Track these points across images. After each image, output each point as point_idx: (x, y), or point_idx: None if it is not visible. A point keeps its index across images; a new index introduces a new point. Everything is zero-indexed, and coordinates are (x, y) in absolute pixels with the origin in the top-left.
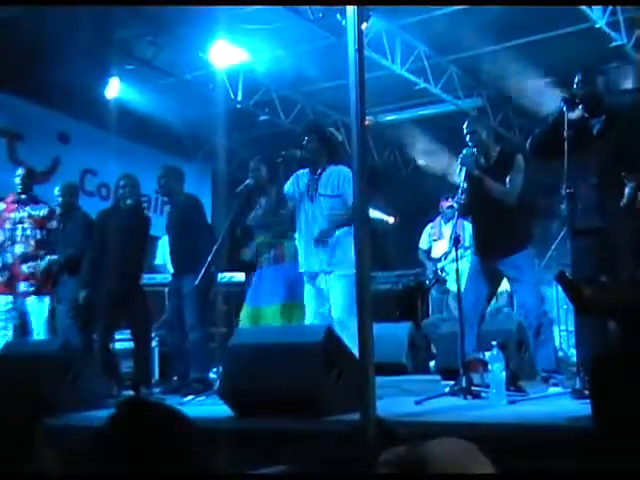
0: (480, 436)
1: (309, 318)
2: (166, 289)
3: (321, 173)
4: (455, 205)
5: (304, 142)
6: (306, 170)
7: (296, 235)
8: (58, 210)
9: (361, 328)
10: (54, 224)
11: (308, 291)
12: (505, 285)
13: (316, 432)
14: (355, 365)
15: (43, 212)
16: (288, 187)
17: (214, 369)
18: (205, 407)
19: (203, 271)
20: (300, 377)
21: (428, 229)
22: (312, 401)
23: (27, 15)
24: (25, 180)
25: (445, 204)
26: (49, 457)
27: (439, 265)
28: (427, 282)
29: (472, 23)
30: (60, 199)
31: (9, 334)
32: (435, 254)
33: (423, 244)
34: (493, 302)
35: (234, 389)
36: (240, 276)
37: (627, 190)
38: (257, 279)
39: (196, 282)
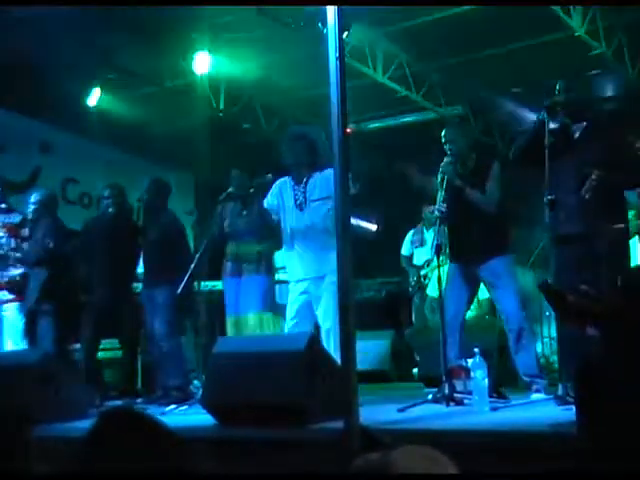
0: (463, 443)
1: (292, 327)
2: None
3: (307, 181)
4: (436, 212)
5: (289, 150)
6: (286, 179)
7: (283, 244)
8: (34, 216)
9: (344, 336)
10: (26, 232)
11: (292, 301)
12: (486, 293)
13: (299, 441)
14: (338, 373)
15: (16, 220)
16: (271, 199)
17: (196, 379)
18: (187, 417)
19: (185, 279)
20: (283, 385)
21: (410, 235)
22: (295, 409)
23: (7, 26)
24: None
25: (427, 210)
26: (32, 467)
27: (422, 272)
28: (410, 289)
29: (453, 31)
30: (34, 206)
31: None
32: (417, 261)
33: (405, 250)
34: (477, 309)
35: (217, 398)
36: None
37: (605, 196)
38: (239, 288)
39: (178, 291)
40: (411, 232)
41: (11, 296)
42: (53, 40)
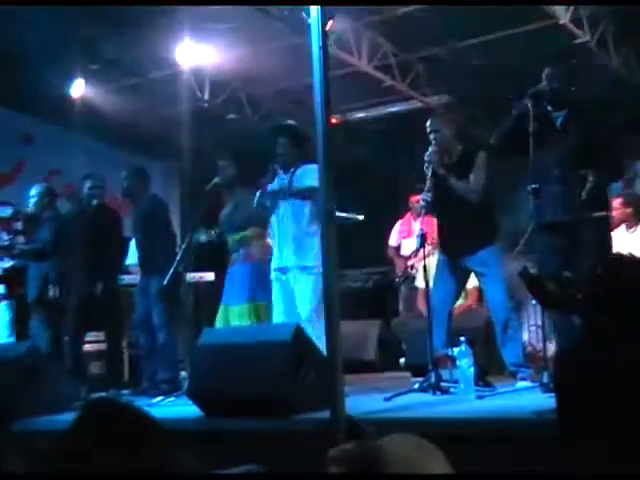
0: (449, 431)
1: (277, 317)
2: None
3: (294, 172)
4: (422, 202)
5: (277, 144)
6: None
7: (269, 233)
8: (31, 210)
9: (329, 326)
10: (19, 226)
11: (277, 290)
12: (474, 281)
13: (285, 431)
14: (324, 363)
15: (7, 214)
16: (272, 186)
17: (183, 371)
18: (174, 408)
19: (171, 271)
20: (268, 376)
21: (397, 226)
22: (281, 400)
23: None
24: None
25: (414, 200)
26: (13, 461)
27: (408, 263)
28: (396, 280)
29: (437, 20)
30: (36, 199)
31: None
32: (405, 251)
33: (392, 241)
34: (463, 298)
35: (202, 389)
36: (210, 275)
37: (587, 185)
38: (228, 278)
39: (164, 282)
40: (398, 223)
41: (3, 290)
42: (35, 32)
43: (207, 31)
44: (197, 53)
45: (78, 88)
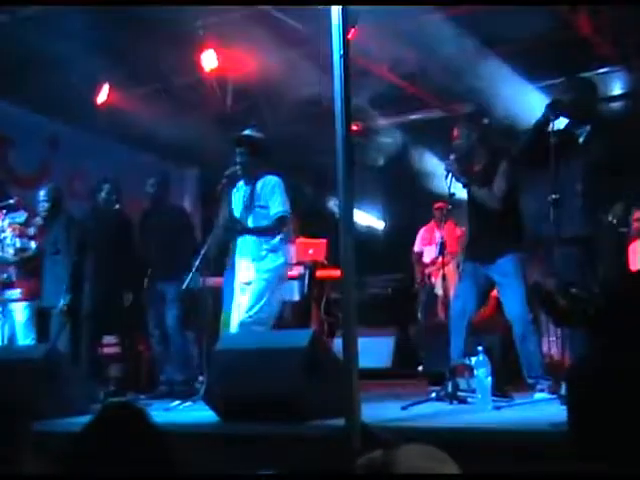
0: (465, 441)
1: (234, 328)
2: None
3: (255, 183)
4: (445, 167)
5: (236, 155)
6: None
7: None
8: (43, 213)
9: (345, 333)
10: (32, 231)
11: (235, 301)
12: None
13: (300, 437)
14: (340, 370)
15: (21, 219)
16: (234, 197)
17: (201, 375)
18: (191, 412)
19: (190, 275)
20: (285, 382)
21: (421, 232)
22: (297, 406)
23: (17, 23)
24: None
25: (437, 207)
26: (30, 463)
27: (426, 270)
28: (416, 286)
29: (461, 29)
30: (45, 202)
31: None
32: (426, 258)
33: (416, 247)
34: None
35: (219, 394)
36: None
37: (615, 211)
38: (225, 283)
39: (182, 287)
40: (422, 229)
41: (18, 294)
42: (63, 37)
43: (231, 38)
44: (221, 60)
45: (104, 93)
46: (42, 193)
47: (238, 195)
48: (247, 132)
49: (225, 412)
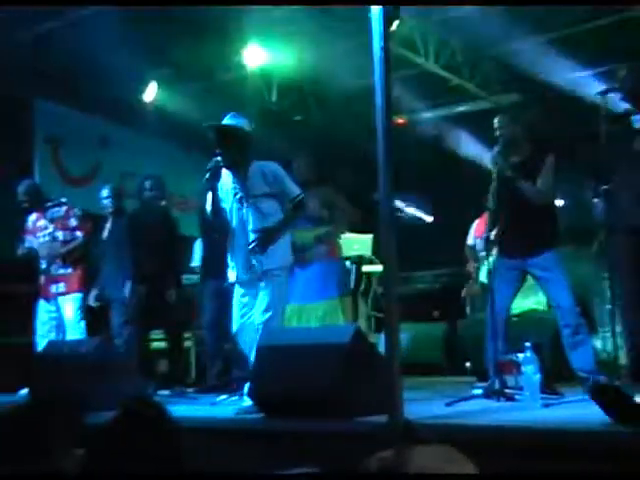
0: (513, 440)
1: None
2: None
3: (246, 173)
4: (489, 204)
5: (218, 148)
6: (228, 173)
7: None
8: (109, 210)
9: (388, 329)
10: (73, 222)
11: (237, 299)
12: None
13: (343, 433)
14: (383, 366)
15: (61, 213)
16: (221, 190)
17: None
18: (235, 407)
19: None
20: (327, 378)
21: (474, 225)
22: (339, 402)
23: (68, 27)
24: (31, 196)
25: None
26: (71, 455)
27: (475, 264)
28: (470, 281)
29: (508, 16)
30: (109, 201)
31: (52, 335)
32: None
33: (469, 240)
34: (529, 302)
35: (262, 390)
36: None
37: None
38: (307, 275)
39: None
40: (476, 222)
41: (66, 288)
42: (110, 38)
43: (274, 33)
44: (264, 55)
45: (150, 92)
46: (104, 192)
47: (225, 191)
48: (227, 120)
49: (268, 408)
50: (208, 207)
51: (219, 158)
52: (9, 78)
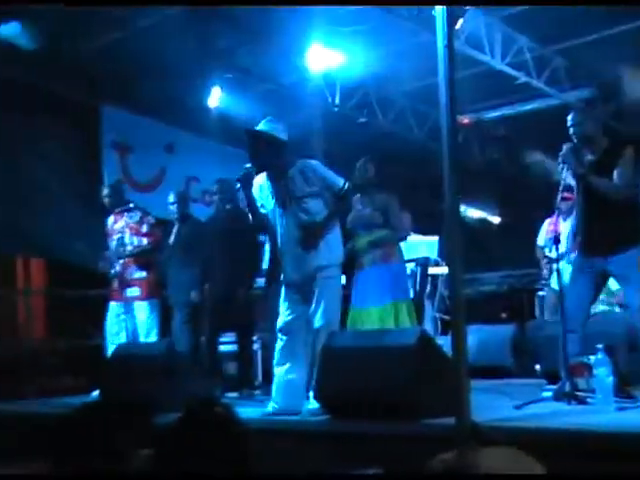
0: (585, 444)
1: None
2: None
3: (284, 176)
4: (558, 204)
5: (252, 153)
6: (263, 176)
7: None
8: (175, 216)
9: (454, 331)
10: (145, 228)
11: (289, 301)
12: (616, 284)
13: (409, 436)
14: (450, 368)
15: (136, 219)
16: (260, 196)
17: None
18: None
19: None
20: (394, 380)
21: (545, 226)
22: (405, 404)
23: (134, 36)
24: (111, 197)
25: (564, 198)
26: (139, 456)
27: (554, 266)
28: (543, 281)
29: (577, 10)
30: (175, 206)
31: (122, 338)
32: (552, 253)
33: (540, 241)
34: (601, 303)
35: (328, 391)
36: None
37: None
38: (362, 280)
39: None
40: (546, 222)
41: (140, 292)
42: (175, 45)
43: (336, 35)
44: (327, 57)
45: (214, 97)
46: (170, 197)
47: (267, 194)
48: (263, 125)
49: (334, 409)
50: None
51: (249, 165)
52: (78, 85)
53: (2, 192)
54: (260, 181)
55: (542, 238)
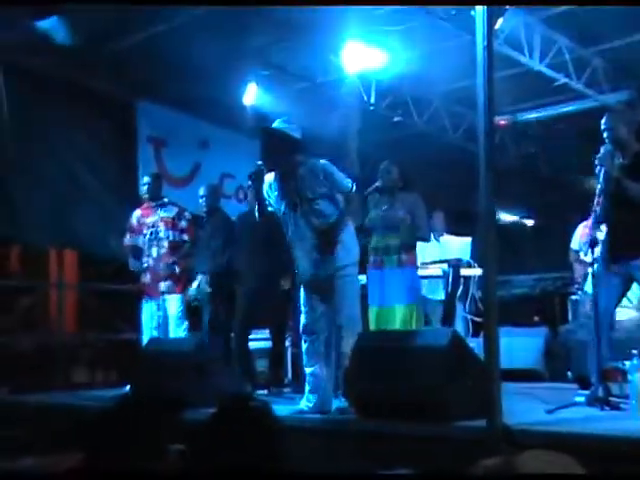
0: (619, 451)
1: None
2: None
3: (295, 175)
4: (595, 207)
5: (265, 150)
6: (272, 175)
7: (289, 242)
8: (204, 209)
9: (487, 333)
10: (183, 224)
11: (310, 301)
12: None
13: (438, 437)
14: (482, 371)
15: (172, 213)
16: (271, 194)
17: None
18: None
19: None
20: (423, 381)
21: (580, 229)
22: (435, 405)
23: (171, 32)
24: (152, 187)
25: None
26: (172, 453)
27: (589, 270)
28: (576, 286)
29: (617, 11)
30: (204, 200)
31: (153, 332)
32: (586, 257)
33: (574, 244)
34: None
35: (358, 391)
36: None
37: None
38: (386, 279)
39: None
40: (581, 225)
41: (172, 287)
42: (212, 42)
43: (373, 34)
44: (363, 56)
45: (250, 94)
46: (201, 191)
47: (274, 195)
48: (277, 124)
49: (363, 408)
50: (256, 212)
51: (260, 162)
52: (115, 80)
53: (40, 185)
54: (270, 179)
55: (576, 242)
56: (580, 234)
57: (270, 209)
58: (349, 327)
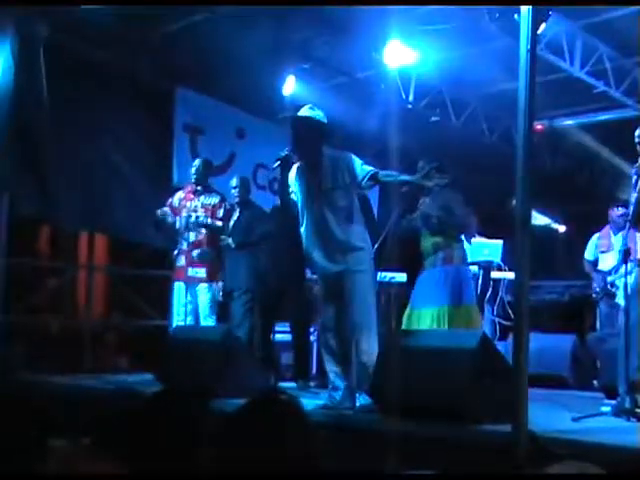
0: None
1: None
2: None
3: (320, 164)
4: (628, 216)
5: (294, 139)
6: (299, 164)
7: (304, 234)
8: (236, 200)
9: (517, 337)
10: (221, 213)
11: (327, 296)
12: None
13: (464, 440)
14: (509, 375)
15: (214, 201)
16: (295, 183)
17: None
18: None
19: None
20: (451, 383)
21: (595, 239)
22: (461, 407)
23: (210, 19)
24: (200, 171)
25: (615, 213)
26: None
27: (609, 279)
28: (594, 295)
29: None
30: (237, 190)
31: (185, 318)
32: (603, 266)
33: (589, 255)
34: None
35: (383, 389)
36: (401, 276)
37: None
38: (421, 281)
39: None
40: (596, 236)
41: (204, 274)
42: (254, 33)
43: (415, 33)
44: (404, 54)
45: (290, 85)
46: (233, 181)
47: (301, 182)
48: (304, 112)
49: (387, 408)
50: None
51: (288, 149)
52: (155, 68)
53: (75, 167)
54: (297, 167)
55: (590, 252)
56: (595, 244)
57: (292, 197)
58: (363, 323)
